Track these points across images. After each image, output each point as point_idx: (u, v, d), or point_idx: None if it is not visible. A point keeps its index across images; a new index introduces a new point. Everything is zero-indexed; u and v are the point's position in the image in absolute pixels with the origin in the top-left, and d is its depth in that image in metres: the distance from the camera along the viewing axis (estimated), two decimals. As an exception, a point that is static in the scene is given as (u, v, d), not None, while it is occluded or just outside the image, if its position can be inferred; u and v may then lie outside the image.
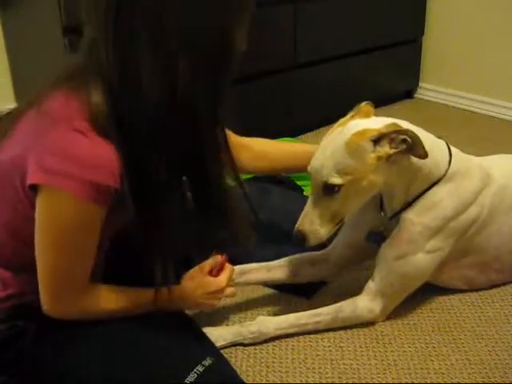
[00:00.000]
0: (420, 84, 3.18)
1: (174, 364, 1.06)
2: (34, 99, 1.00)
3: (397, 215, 1.41)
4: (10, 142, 1.00)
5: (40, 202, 0.94)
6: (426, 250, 1.39)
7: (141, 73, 0.91)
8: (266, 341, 1.39)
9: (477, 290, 1.57)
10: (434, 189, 1.37)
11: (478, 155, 1.56)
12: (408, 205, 1.38)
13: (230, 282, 1.32)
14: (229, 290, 1.32)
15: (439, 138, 1.44)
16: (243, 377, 1.28)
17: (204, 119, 0.98)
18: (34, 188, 0.94)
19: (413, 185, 1.36)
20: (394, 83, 3.08)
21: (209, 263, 1.29)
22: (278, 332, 1.39)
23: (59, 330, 1.08)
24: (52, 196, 0.93)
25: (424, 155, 1.27)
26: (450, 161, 1.39)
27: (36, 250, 0.99)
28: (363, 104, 1.42)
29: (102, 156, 0.91)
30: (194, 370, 1.04)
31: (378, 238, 1.46)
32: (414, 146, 1.26)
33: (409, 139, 1.26)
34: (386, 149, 1.26)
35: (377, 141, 1.26)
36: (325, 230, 1.33)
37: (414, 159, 1.30)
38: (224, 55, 0.98)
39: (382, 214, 1.45)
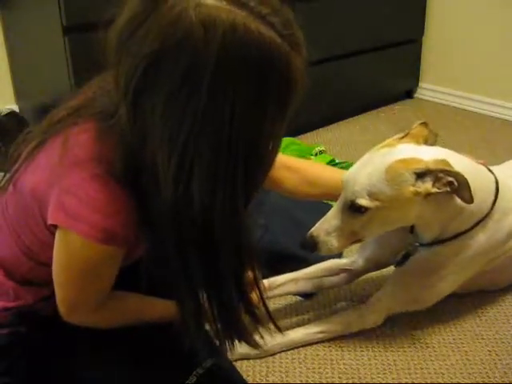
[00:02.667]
0: (420, 84, 3.18)
1: (173, 366, 1.06)
2: (56, 126, 0.96)
3: (428, 246, 1.34)
4: (32, 167, 0.98)
5: (58, 238, 0.94)
6: (449, 280, 1.36)
7: (157, 167, 0.83)
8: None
9: (477, 291, 1.57)
10: (474, 231, 1.30)
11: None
12: (443, 240, 1.31)
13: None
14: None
15: (487, 169, 1.35)
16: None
17: (218, 228, 0.87)
18: (54, 225, 0.93)
19: (451, 225, 1.28)
20: (394, 83, 3.08)
21: None
22: (283, 349, 1.37)
23: (62, 336, 1.08)
24: (68, 236, 0.92)
25: (469, 200, 1.18)
26: (495, 200, 1.30)
27: (53, 271, 0.98)
28: (416, 125, 1.32)
29: (119, 205, 0.89)
30: (194, 373, 1.04)
31: (399, 260, 1.40)
32: (459, 190, 1.17)
33: (456, 183, 1.16)
34: (427, 186, 1.17)
35: (421, 175, 1.17)
36: (338, 245, 1.26)
37: (458, 201, 1.21)
38: (246, 171, 0.85)
39: (412, 238, 1.37)
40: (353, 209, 1.21)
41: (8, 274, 1.05)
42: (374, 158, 1.22)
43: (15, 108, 2.49)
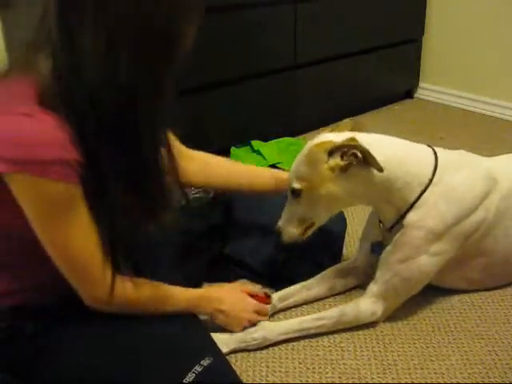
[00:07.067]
0: (420, 84, 3.18)
1: (172, 364, 1.06)
2: None
3: (395, 226, 1.43)
4: None
5: (14, 191, 0.95)
6: (429, 253, 1.39)
7: (83, 51, 0.91)
8: (267, 341, 1.40)
9: (477, 290, 1.58)
10: (425, 195, 1.38)
11: (478, 155, 1.56)
12: (405, 213, 1.40)
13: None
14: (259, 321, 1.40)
15: (425, 145, 1.45)
16: (243, 377, 1.29)
17: (142, 115, 0.98)
18: None
19: (394, 196, 1.38)
20: (394, 83, 3.08)
21: (250, 288, 1.45)
22: (281, 337, 1.39)
23: (60, 328, 1.09)
24: (18, 182, 0.94)
25: (378, 169, 1.31)
26: (435, 167, 1.39)
27: (42, 241, 1.00)
28: (345, 120, 1.49)
29: (51, 133, 0.91)
30: (193, 370, 1.04)
31: (378, 248, 1.48)
32: (366, 160, 1.31)
33: (358, 153, 1.31)
34: (337, 161, 1.33)
35: (331, 152, 1.34)
36: (295, 231, 1.43)
37: (377, 173, 1.33)
38: (167, 50, 0.97)
39: (381, 225, 1.48)
40: (293, 195, 1.40)
41: None
42: (302, 150, 1.42)
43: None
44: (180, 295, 1.23)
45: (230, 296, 1.36)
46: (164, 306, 1.19)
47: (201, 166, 1.47)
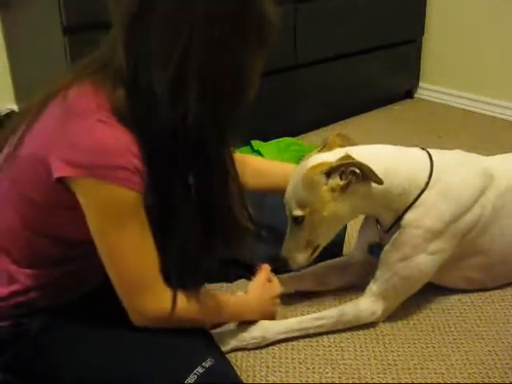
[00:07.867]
0: (420, 84, 3.18)
1: (174, 365, 1.06)
2: (55, 91, 1.01)
3: (393, 227, 1.43)
4: (32, 137, 1.01)
5: (80, 196, 0.97)
6: (428, 251, 1.40)
7: (153, 87, 0.94)
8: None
9: (477, 290, 1.58)
10: (422, 196, 1.38)
11: (477, 155, 1.56)
12: (402, 214, 1.40)
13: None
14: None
15: (419, 148, 1.46)
16: (243, 377, 1.28)
17: (211, 143, 1.01)
18: (62, 182, 0.96)
19: (393, 202, 1.38)
20: (394, 83, 3.08)
21: (264, 272, 1.42)
22: (281, 336, 1.39)
23: (62, 329, 1.09)
24: (85, 186, 0.96)
25: (378, 181, 1.30)
26: (431, 170, 1.39)
27: (99, 249, 1.01)
28: (331, 136, 1.46)
29: (125, 141, 0.94)
30: (194, 372, 1.04)
31: (376, 249, 1.48)
32: (365, 175, 1.30)
33: (357, 170, 1.30)
34: (337, 181, 1.32)
35: (329, 174, 1.32)
36: (302, 257, 1.41)
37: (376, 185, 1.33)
38: (235, 86, 1.00)
39: (379, 227, 1.48)
40: (295, 222, 1.37)
41: (4, 250, 1.06)
42: (294, 174, 1.38)
43: (15, 108, 2.48)
44: (230, 304, 1.28)
45: (261, 294, 1.38)
46: (219, 316, 1.26)
47: (249, 169, 1.42)
